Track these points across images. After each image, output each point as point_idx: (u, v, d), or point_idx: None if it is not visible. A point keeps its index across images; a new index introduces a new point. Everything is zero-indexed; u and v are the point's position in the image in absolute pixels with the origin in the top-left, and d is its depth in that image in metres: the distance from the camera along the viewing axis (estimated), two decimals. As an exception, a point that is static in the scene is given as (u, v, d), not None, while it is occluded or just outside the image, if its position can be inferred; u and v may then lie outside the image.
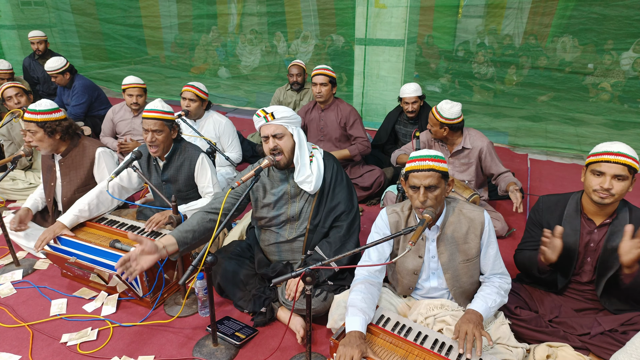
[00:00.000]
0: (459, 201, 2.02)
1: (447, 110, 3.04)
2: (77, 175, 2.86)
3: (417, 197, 1.85)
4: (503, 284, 1.98)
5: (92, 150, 2.86)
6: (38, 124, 2.66)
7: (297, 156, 2.24)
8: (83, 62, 8.30)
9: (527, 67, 6.11)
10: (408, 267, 2.04)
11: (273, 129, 2.20)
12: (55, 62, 4.54)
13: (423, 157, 1.87)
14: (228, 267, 2.45)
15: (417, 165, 1.86)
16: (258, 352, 2.18)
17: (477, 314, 1.81)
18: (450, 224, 1.97)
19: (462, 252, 1.97)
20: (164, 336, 2.28)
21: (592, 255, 2.04)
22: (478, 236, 1.95)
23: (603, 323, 1.96)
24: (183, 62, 8.42)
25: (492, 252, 1.98)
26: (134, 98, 3.85)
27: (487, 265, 2.00)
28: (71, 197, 2.86)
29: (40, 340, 2.23)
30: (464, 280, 2.00)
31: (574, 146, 5.08)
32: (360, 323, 1.76)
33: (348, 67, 6.20)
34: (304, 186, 2.28)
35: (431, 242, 2.00)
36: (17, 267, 2.79)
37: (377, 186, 3.74)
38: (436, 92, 6.41)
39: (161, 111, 2.61)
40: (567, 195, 2.12)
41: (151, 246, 1.98)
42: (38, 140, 2.69)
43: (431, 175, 1.83)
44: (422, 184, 1.83)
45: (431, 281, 2.05)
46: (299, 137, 2.25)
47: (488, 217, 1.97)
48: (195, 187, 2.85)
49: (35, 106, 2.68)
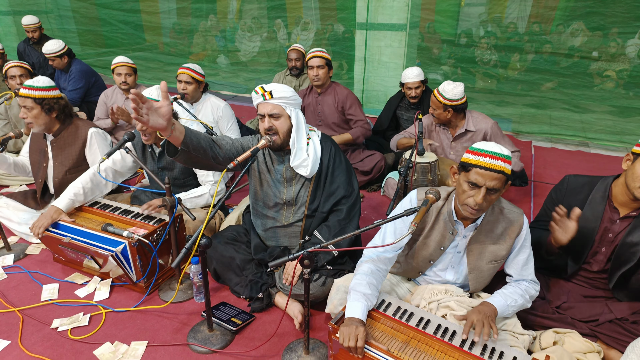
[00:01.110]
0: (501, 200, 1.88)
1: (450, 91, 2.94)
2: (69, 156, 2.79)
3: (474, 197, 1.65)
4: (530, 289, 1.85)
5: (85, 131, 2.78)
6: (35, 100, 2.58)
7: (294, 139, 2.15)
8: (80, 48, 8.17)
9: (532, 53, 5.99)
10: (425, 255, 1.93)
11: (270, 108, 2.11)
12: (53, 44, 4.45)
13: (495, 154, 1.62)
14: (224, 252, 2.38)
15: (488, 163, 1.62)
16: (255, 338, 2.11)
17: (491, 307, 1.72)
18: (487, 222, 1.83)
19: (491, 252, 1.85)
20: (158, 322, 2.21)
21: (607, 246, 1.93)
22: (512, 239, 1.82)
23: (614, 310, 1.88)
24: (182, 49, 8.29)
25: (523, 256, 1.85)
26: (123, 77, 3.75)
27: (514, 270, 1.87)
28: (62, 178, 2.78)
29: (31, 326, 2.17)
30: (485, 281, 1.92)
31: (578, 133, 4.99)
32: (361, 309, 1.68)
33: (349, 53, 6.09)
34: (300, 170, 2.20)
35: (462, 238, 1.87)
36: (9, 252, 2.72)
37: (378, 171, 3.66)
38: (438, 80, 6.29)
39: (157, 100, 2.52)
40: (596, 179, 1.97)
41: (167, 109, 1.67)
42: (33, 117, 2.60)
43: (499, 177, 1.61)
44: (487, 184, 1.62)
45: (447, 273, 1.96)
46: (297, 120, 2.15)
47: (527, 221, 1.84)
48: (193, 174, 2.77)
49: (32, 82, 2.60)
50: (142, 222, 2.47)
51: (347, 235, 1.72)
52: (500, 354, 1.59)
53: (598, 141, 4.86)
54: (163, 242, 2.41)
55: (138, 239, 2.25)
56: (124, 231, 2.30)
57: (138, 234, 2.28)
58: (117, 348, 2.04)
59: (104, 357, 1.99)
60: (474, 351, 1.59)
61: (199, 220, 2.67)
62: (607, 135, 4.89)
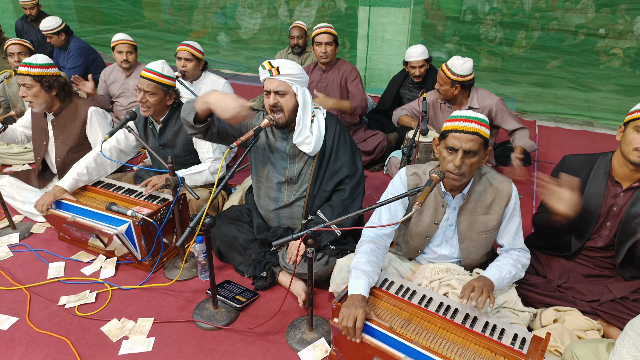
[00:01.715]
0: (488, 170, 1.89)
1: (459, 67, 2.88)
2: (70, 135, 2.78)
3: (453, 161, 1.69)
4: (521, 258, 1.88)
5: (85, 109, 2.76)
6: (35, 77, 2.55)
7: (300, 117, 2.13)
8: (78, 25, 8.04)
9: (538, 30, 5.87)
10: (420, 231, 1.95)
11: (276, 85, 2.08)
12: (50, 21, 4.38)
13: (469, 117, 1.69)
14: (227, 232, 2.39)
15: (462, 126, 1.68)
16: (259, 315, 2.14)
17: (488, 279, 1.74)
18: (476, 192, 1.85)
19: (482, 223, 1.87)
20: (163, 299, 2.24)
21: (612, 220, 1.94)
22: (502, 208, 1.84)
23: (614, 290, 1.90)
24: (181, 27, 8.16)
25: (513, 225, 1.87)
26: (124, 55, 3.70)
27: (506, 239, 1.90)
28: (65, 157, 2.78)
29: (38, 303, 2.21)
30: (478, 252, 1.92)
31: (583, 112, 4.94)
32: (363, 286, 1.70)
33: (351, 30, 5.98)
34: (303, 147, 2.18)
35: (452, 210, 1.89)
36: (14, 231, 2.74)
37: (380, 151, 3.65)
38: (442, 58, 6.19)
39: (160, 74, 2.49)
40: (596, 156, 1.99)
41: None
42: (33, 96, 2.58)
43: (474, 139, 1.67)
44: (463, 147, 1.67)
45: (442, 248, 1.98)
46: (303, 98, 2.13)
47: (515, 190, 1.85)
48: (194, 152, 2.76)
49: (30, 60, 2.57)
50: (146, 202, 2.48)
51: (350, 215, 1.72)
52: (501, 330, 1.61)
53: (603, 120, 4.82)
54: (167, 221, 2.43)
55: (142, 218, 2.26)
56: (128, 210, 2.31)
57: (142, 213, 2.29)
58: (124, 324, 2.07)
59: (112, 333, 2.02)
60: (475, 328, 1.62)
61: (202, 200, 2.68)
62: (613, 114, 4.84)
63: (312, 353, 1.92)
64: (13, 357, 1.90)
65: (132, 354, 1.92)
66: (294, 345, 1.96)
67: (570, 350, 1.57)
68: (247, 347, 1.96)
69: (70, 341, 1.97)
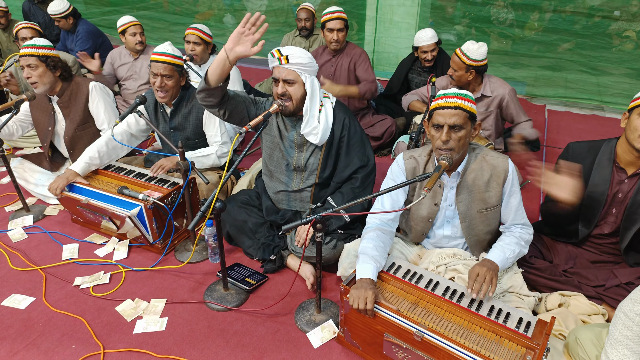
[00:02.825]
0: (483, 148, 1.92)
1: (474, 51, 2.83)
2: (76, 113, 2.82)
3: (440, 137, 1.75)
4: (524, 234, 1.90)
5: (86, 86, 2.81)
6: (40, 58, 2.58)
7: (307, 107, 2.14)
8: (84, 7, 7.99)
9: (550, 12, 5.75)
10: (422, 215, 1.98)
11: (285, 73, 2.08)
12: (58, 5, 4.37)
13: (451, 94, 1.75)
14: (237, 215, 2.43)
15: (444, 103, 1.74)
16: (268, 297, 2.19)
17: (493, 263, 1.77)
18: (471, 170, 1.88)
19: (481, 201, 1.89)
20: (175, 281, 2.30)
21: (618, 206, 1.95)
22: (500, 184, 1.86)
23: (619, 276, 1.92)
24: (187, 8, 8.08)
25: (514, 201, 1.89)
26: (138, 36, 3.70)
27: (508, 215, 1.92)
28: (73, 135, 2.83)
29: (54, 284, 2.27)
30: (480, 229, 1.94)
31: (594, 96, 4.88)
32: (371, 270, 1.74)
33: (359, 12, 5.89)
34: (310, 138, 2.20)
35: (450, 190, 1.92)
36: (28, 213, 2.80)
37: (389, 136, 3.64)
38: (451, 41, 6.10)
39: (172, 55, 2.50)
40: (600, 143, 1.98)
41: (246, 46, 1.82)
42: (38, 76, 2.61)
43: (457, 113, 1.72)
44: (447, 122, 1.72)
45: (444, 229, 2.00)
46: (312, 87, 2.13)
47: (512, 166, 1.87)
48: (204, 135, 2.78)
49: (33, 42, 2.60)
50: (157, 185, 2.51)
51: (359, 201, 1.74)
52: (506, 314, 1.64)
53: (614, 105, 4.76)
54: (177, 205, 2.46)
55: (153, 202, 2.30)
56: (139, 194, 2.35)
57: (153, 197, 2.33)
58: (137, 304, 2.13)
59: (126, 312, 2.08)
60: (481, 312, 1.65)
61: (212, 184, 2.71)
62: (624, 99, 4.77)
63: (320, 334, 1.97)
64: (31, 335, 1.97)
65: (146, 332, 1.98)
66: (303, 327, 2.01)
67: (573, 334, 1.60)
68: (256, 328, 2.02)
69: (86, 320, 2.04)
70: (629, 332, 1.36)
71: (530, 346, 1.50)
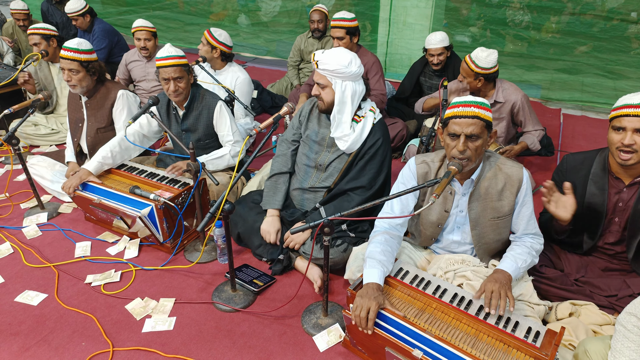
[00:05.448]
0: (499, 156, 1.89)
1: (483, 59, 2.81)
2: (101, 116, 2.87)
3: (456, 146, 1.72)
4: (535, 244, 1.87)
5: (115, 92, 2.84)
6: (82, 63, 2.64)
7: (335, 112, 2.18)
8: (101, 7, 8.11)
9: (567, 14, 5.66)
10: (432, 220, 1.97)
11: (318, 77, 2.15)
12: (74, 3, 4.45)
13: (468, 102, 1.71)
14: (247, 216, 2.45)
15: (461, 111, 1.70)
16: (275, 299, 2.20)
17: (505, 274, 1.73)
18: (486, 179, 1.85)
19: (493, 209, 1.87)
20: (184, 280, 2.32)
21: (620, 215, 1.92)
22: (514, 194, 1.83)
23: (632, 285, 1.88)
24: (202, 8, 8.14)
25: (526, 211, 1.86)
26: (142, 42, 3.72)
27: (519, 225, 1.89)
28: (94, 137, 2.88)
29: (66, 280, 2.31)
30: (490, 237, 1.92)
31: (611, 101, 4.78)
32: (378, 275, 1.73)
33: (373, 14, 5.87)
34: (339, 143, 2.24)
35: (462, 197, 1.89)
36: (42, 210, 2.85)
37: (399, 140, 3.62)
38: (465, 43, 6.04)
39: (176, 56, 2.52)
40: (594, 153, 1.96)
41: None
42: (78, 80, 2.67)
43: (474, 122, 1.69)
44: (464, 132, 1.69)
45: (454, 234, 1.98)
46: (341, 94, 2.14)
47: (527, 175, 1.84)
48: (215, 136, 2.81)
49: (75, 45, 2.63)
50: (168, 186, 2.54)
51: (366, 206, 1.73)
52: (515, 323, 1.62)
53: (631, 110, 4.66)
54: (188, 205, 2.49)
55: (164, 202, 2.33)
56: (150, 194, 2.37)
57: (164, 197, 2.35)
58: (147, 303, 2.16)
59: (135, 311, 2.11)
60: (489, 320, 1.63)
61: (222, 185, 2.73)
62: (642, 103, 4.67)
63: (326, 338, 1.97)
64: (43, 331, 2.00)
65: (154, 332, 2.01)
66: (309, 330, 2.02)
67: (582, 346, 1.57)
68: (263, 330, 2.03)
69: (97, 318, 2.07)
70: (630, 343, 1.37)
71: (539, 357, 1.48)
